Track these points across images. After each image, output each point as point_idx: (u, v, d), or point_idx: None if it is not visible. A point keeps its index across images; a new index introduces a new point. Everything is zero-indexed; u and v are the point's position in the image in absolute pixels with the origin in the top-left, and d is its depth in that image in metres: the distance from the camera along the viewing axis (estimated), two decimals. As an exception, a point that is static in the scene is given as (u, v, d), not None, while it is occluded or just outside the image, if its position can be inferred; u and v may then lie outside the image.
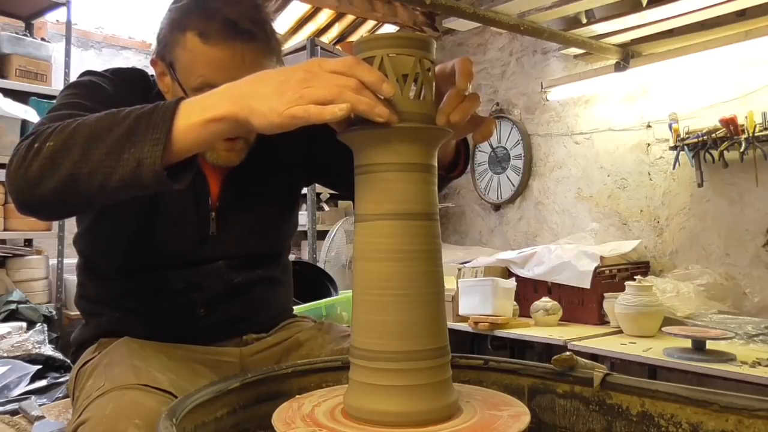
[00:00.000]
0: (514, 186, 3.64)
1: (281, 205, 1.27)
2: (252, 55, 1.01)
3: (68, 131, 0.82)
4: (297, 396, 0.84)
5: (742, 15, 2.48)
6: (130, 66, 1.18)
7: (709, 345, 2.06)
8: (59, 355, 2.33)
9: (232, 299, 1.19)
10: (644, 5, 2.39)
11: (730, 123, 2.54)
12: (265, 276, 1.24)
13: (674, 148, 2.78)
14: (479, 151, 3.82)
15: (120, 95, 1.05)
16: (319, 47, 3.72)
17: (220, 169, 1.15)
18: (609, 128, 3.23)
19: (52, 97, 3.26)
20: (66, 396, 1.61)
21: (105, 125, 0.80)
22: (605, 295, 2.64)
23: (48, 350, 2.33)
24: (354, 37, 4.37)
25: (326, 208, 4.03)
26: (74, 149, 0.80)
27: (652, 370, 2.32)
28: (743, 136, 2.50)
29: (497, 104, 3.74)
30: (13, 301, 2.87)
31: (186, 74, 1.02)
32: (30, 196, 0.84)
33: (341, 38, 4.40)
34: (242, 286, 1.19)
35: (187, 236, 1.14)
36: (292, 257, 3.26)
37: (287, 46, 3.60)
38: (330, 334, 1.24)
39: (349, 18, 4.22)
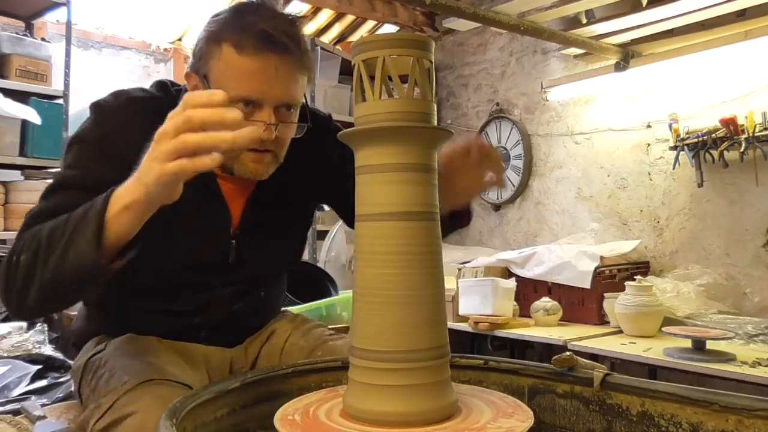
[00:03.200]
0: (514, 186, 3.64)
1: (297, 230, 1.29)
2: (285, 68, 1.02)
3: (35, 244, 0.88)
4: (297, 396, 0.84)
5: (742, 15, 2.48)
6: (146, 93, 1.13)
7: (709, 345, 2.06)
8: (59, 355, 2.32)
9: (234, 324, 1.22)
10: (644, 5, 2.39)
11: (730, 123, 2.53)
12: (267, 297, 1.27)
13: (674, 148, 2.78)
14: (479, 151, 3.82)
15: (125, 130, 1.03)
16: (319, 47, 3.73)
17: (241, 193, 1.15)
18: (609, 128, 3.22)
19: (52, 97, 3.25)
20: (66, 397, 1.61)
21: (58, 234, 0.86)
22: (605, 295, 2.64)
23: (48, 350, 2.33)
24: (354, 37, 4.37)
25: (326, 208, 4.01)
26: (39, 260, 0.87)
27: (652, 370, 2.32)
28: (743, 136, 2.50)
29: (497, 104, 3.73)
30: (13, 301, 2.86)
31: (220, 86, 1.01)
32: (23, 304, 0.90)
33: (341, 38, 4.40)
34: (244, 311, 1.21)
35: (205, 263, 1.13)
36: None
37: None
38: (299, 325, 1.30)
39: (349, 18, 4.22)
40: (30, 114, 2.97)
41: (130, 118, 1.05)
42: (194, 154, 0.75)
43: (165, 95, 1.13)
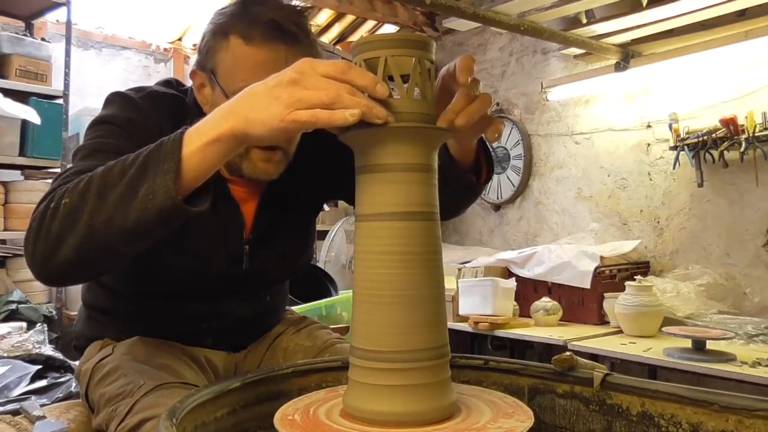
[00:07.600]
0: (514, 186, 3.64)
1: (307, 233, 1.27)
2: (295, 58, 0.93)
3: (82, 185, 0.81)
4: (297, 396, 0.84)
5: (742, 15, 2.48)
6: (165, 89, 1.12)
7: (709, 345, 2.06)
8: (59, 355, 2.33)
9: (240, 329, 1.21)
10: (644, 5, 2.39)
11: (730, 123, 2.54)
12: (272, 301, 1.26)
13: (674, 148, 2.79)
14: (479, 151, 3.82)
15: (150, 120, 1.02)
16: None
17: (251, 196, 1.12)
18: (609, 128, 3.23)
19: (52, 97, 3.26)
20: (66, 397, 1.61)
21: (117, 172, 0.79)
22: (605, 295, 2.64)
23: (48, 350, 2.33)
24: (354, 38, 4.37)
25: (326, 208, 4.03)
26: (89, 201, 0.79)
27: (652, 370, 2.32)
28: (743, 136, 2.50)
29: (497, 104, 3.74)
30: (13, 301, 2.86)
31: (228, 78, 1.00)
32: (53, 258, 0.81)
33: (341, 38, 4.40)
34: (251, 317, 1.21)
35: (216, 270, 1.11)
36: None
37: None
38: (302, 326, 1.30)
39: (349, 18, 4.22)
40: (30, 114, 2.97)
41: (153, 110, 1.04)
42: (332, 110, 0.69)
43: (178, 93, 1.12)
